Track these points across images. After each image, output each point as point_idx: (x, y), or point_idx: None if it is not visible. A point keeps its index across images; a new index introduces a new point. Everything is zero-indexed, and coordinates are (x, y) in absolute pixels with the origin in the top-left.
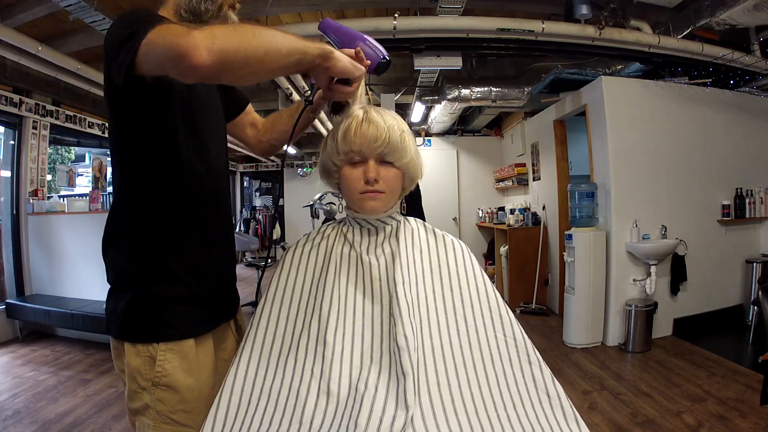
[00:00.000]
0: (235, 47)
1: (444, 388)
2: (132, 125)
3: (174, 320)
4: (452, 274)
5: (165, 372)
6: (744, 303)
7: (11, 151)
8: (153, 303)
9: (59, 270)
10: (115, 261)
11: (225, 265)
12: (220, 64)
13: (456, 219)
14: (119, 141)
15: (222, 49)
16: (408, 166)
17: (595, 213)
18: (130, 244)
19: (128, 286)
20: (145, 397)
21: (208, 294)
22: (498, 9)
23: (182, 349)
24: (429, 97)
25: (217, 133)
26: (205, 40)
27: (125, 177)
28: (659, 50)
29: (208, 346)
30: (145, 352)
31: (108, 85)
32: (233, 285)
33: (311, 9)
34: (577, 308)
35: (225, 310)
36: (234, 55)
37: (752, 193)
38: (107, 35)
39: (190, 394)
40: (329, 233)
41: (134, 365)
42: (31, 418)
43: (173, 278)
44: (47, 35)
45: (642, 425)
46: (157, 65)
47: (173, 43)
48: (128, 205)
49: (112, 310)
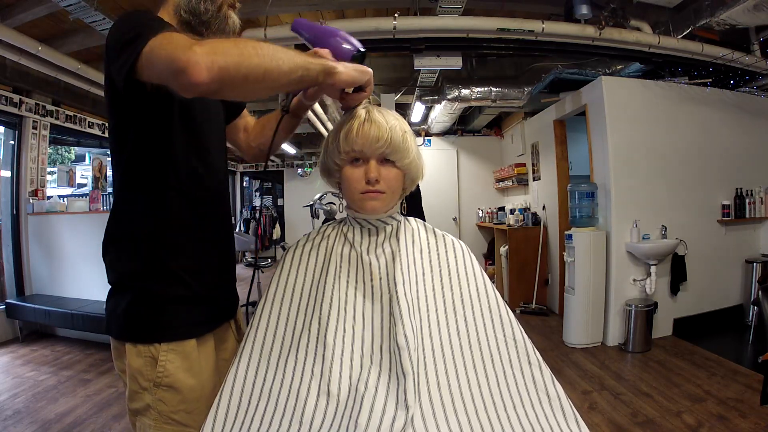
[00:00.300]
0: (236, 65)
1: (444, 388)
2: (132, 125)
3: (175, 320)
4: (452, 274)
5: (167, 372)
6: (744, 303)
7: (11, 151)
8: (154, 303)
9: (59, 270)
10: (115, 261)
11: (225, 265)
12: (219, 81)
13: (456, 219)
14: (119, 141)
15: (222, 67)
16: (409, 166)
17: (595, 213)
18: (131, 244)
19: (129, 287)
20: (146, 397)
21: (209, 294)
22: (498, 9)
23: (184, 349)
24: (429, 97)
25: (216, 133)
26: (205, 56)
27: (125, 177)
28: (659, 50)
29: (209, 346)
30: (147, 352)
31: (109, 85)
32: (233, 285)
33: (311, 9)
34: (577, 308)
35: (226, 310)
36: (234, 72)
37: (752, 193)
38: (110, 35)
39: (192, 395)
40: (329, 233)
41: (135, 366)
42: (31, 418)
43: (174, 278)
44: (47, 35)
45: (642, 425)
46: (156, 75)
47: (173, 57)
48: (129, 205)
49: (113, 311)
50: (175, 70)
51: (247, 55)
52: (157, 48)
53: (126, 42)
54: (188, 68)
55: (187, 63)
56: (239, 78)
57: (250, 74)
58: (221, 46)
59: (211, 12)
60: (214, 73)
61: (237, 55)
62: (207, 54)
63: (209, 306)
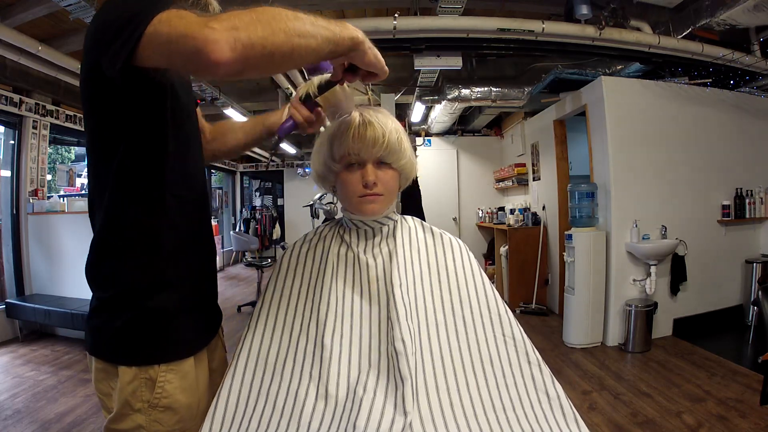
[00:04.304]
0: (261, 42)
1: (443, 391)
2: (123, 125)
3: (175, 338)
4: (450, 274)
5: (165, 393)
6: (744, 303)
7: (11, 151)
8: (154, 321)
9: (59, 270)
10: (110, 277)
11: (215, 275)
12: (243, 61)
13: (456, 219)
14: (107, 143)
15: (246, 45)
16: (405, 166)
17: (595, 213)
18: (130, 256)
19: (126, 304)
20: (138, 418)
21: (205, 307)
22: (498, 9)
23: (182, 368)
24: (429, 97)
25: (196, 127)
26: (225, 33)
27: (119, 183)
28: (659, 50)
29: (203, 360)
30: (144, 374)
31: (91, 76)
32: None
33: (311, 9)
34: (577, 308)
35: (217, 321)
36: (260, 50)
37: (752, 194)
38: (98, 16)
39: (188, 413)
40: (326, 234)
41: (130, 389)
42: (31, 417)
43: (174, 292)
44: (47, 35)
45: (642, 425)
46: (165, 58)
47: (188, 34)
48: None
49: (100, 330)
50: (192, 49)
51: (272, 31)
52: (163, 27)
53: (123, 22)
54: (207, 47)
55: (206, 41)
56: (265, 56)
57: (277, 52)
58: (242, 20)
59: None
60: (238, 52)
61: (260, 31)
62: (228, 30)
63: (206, 320)
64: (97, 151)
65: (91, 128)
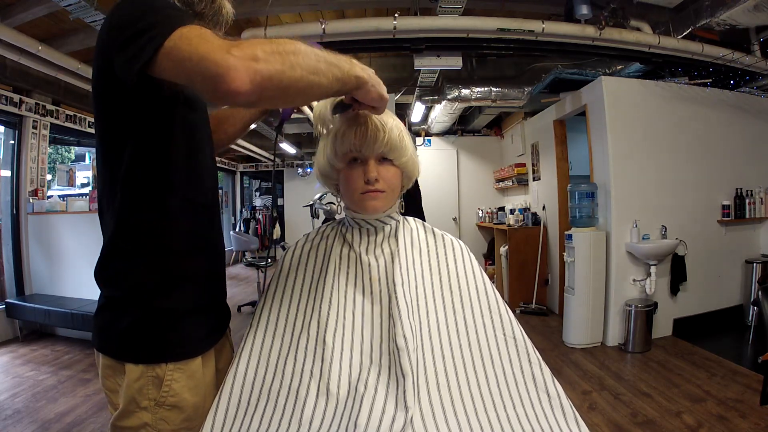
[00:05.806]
0: (278, 76)
1: (443, 389)
2: (132, 128)
3: (183, 337)
4: (452, 275)
5: (172, 392)
6: (744, 303)
7: (11, 150)
8: (162, 319)
9: (59, 270)
10: (121, 277)
11: (224, 275)
12: (259, 93)
13: (456, 219)
14: (117, 144)
15: (264, 77)
16: (407, 164)
17: (595, 213)
18: (142, 256)
19: (135, 302)
20: (144, 416)
21: (214, 307)
22: (498, 9)
23: (190, 367)
24: (429, 97)
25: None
26: (245, 62)
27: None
28: (659, 50)
29: (210, 360)
30: (151, 372)
31: (104, 78)
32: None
33: (311, 9)
34: (576, 308)
35: (225, 321)
36: (277, 83)
37: (752, 194)
38: (113, 18)
39: (195, 412)
40: (328, 234)
41: (137, 386)
42: (31, 417)
43: (183, 293)
44: (47, 35)
45: (642, 425)
46: (182, 75)
47: (209, 60)
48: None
49: (108, 327)
50: (212, 75)
51: (291, 66)
52: (183, 44)
53: (139, 29)
54: (229, 74)
55: (228, 69)
56: (281, 90)
57: (291, 87)
58: (264, 50)
59: (205, 2)
60: (256, 83)
61: (279, 64)
62: (249, 60)
63: (215, 319)
64: (107, 154)
65: (101, 130)
